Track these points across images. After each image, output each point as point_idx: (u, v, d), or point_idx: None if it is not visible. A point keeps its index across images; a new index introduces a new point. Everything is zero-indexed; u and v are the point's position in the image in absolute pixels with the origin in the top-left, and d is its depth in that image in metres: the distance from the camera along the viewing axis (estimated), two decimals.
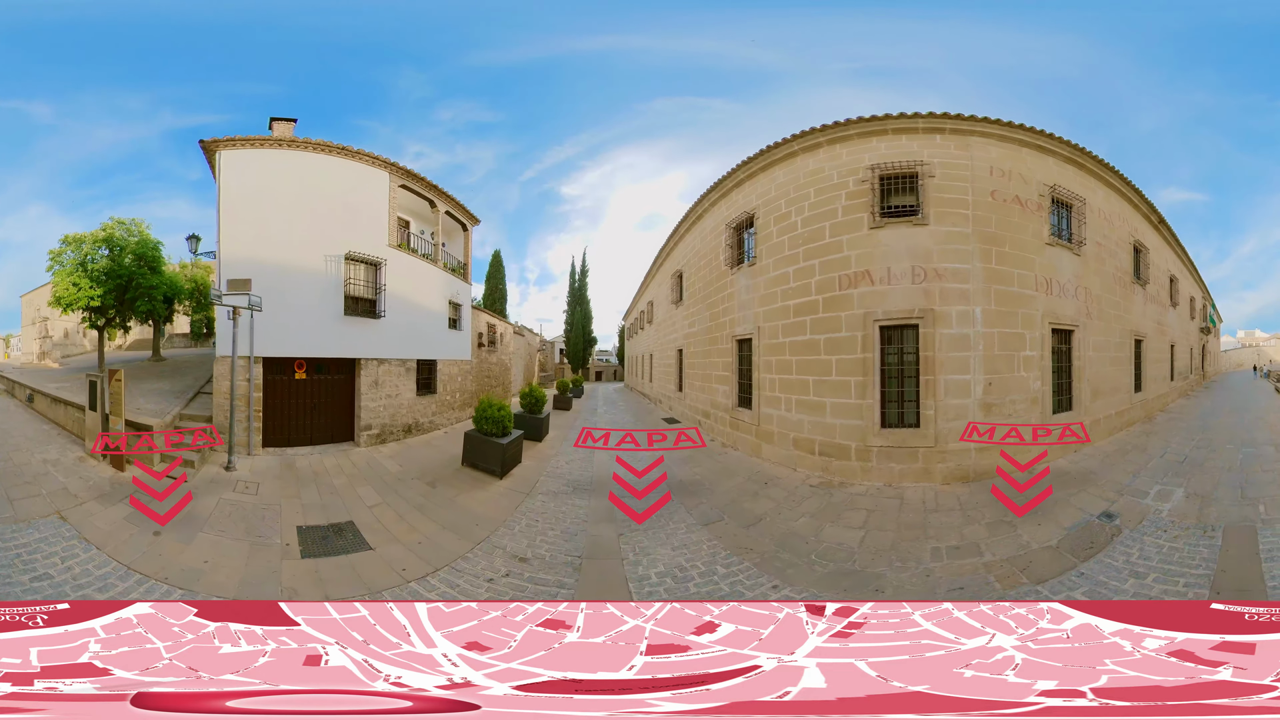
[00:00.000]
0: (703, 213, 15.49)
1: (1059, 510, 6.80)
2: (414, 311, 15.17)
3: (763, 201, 11.84)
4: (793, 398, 10.64)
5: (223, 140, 11.92)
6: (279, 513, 7.48)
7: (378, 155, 13.66)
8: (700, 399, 15.80)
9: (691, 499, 8.74)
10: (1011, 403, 9.36)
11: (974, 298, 9.29)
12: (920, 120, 9.76)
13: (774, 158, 11.45)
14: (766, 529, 7.46)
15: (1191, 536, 5.66)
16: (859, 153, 10.05)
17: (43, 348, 25.55)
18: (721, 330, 14.04)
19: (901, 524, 7.08)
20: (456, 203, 17.30)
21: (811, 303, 10.28)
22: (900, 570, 5.83)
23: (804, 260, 10.57)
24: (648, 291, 27.78)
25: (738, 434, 12.67)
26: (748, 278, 12.53)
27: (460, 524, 7.85)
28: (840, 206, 10.01)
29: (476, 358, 20.19)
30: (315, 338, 12.25)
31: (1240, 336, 55.88)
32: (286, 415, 12.13)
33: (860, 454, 9.27)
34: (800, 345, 10.51)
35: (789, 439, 10.66)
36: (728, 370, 13.52)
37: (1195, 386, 21.29)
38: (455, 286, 17.56)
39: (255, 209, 11.86)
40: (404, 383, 14.64)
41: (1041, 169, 10.59)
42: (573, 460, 11.85)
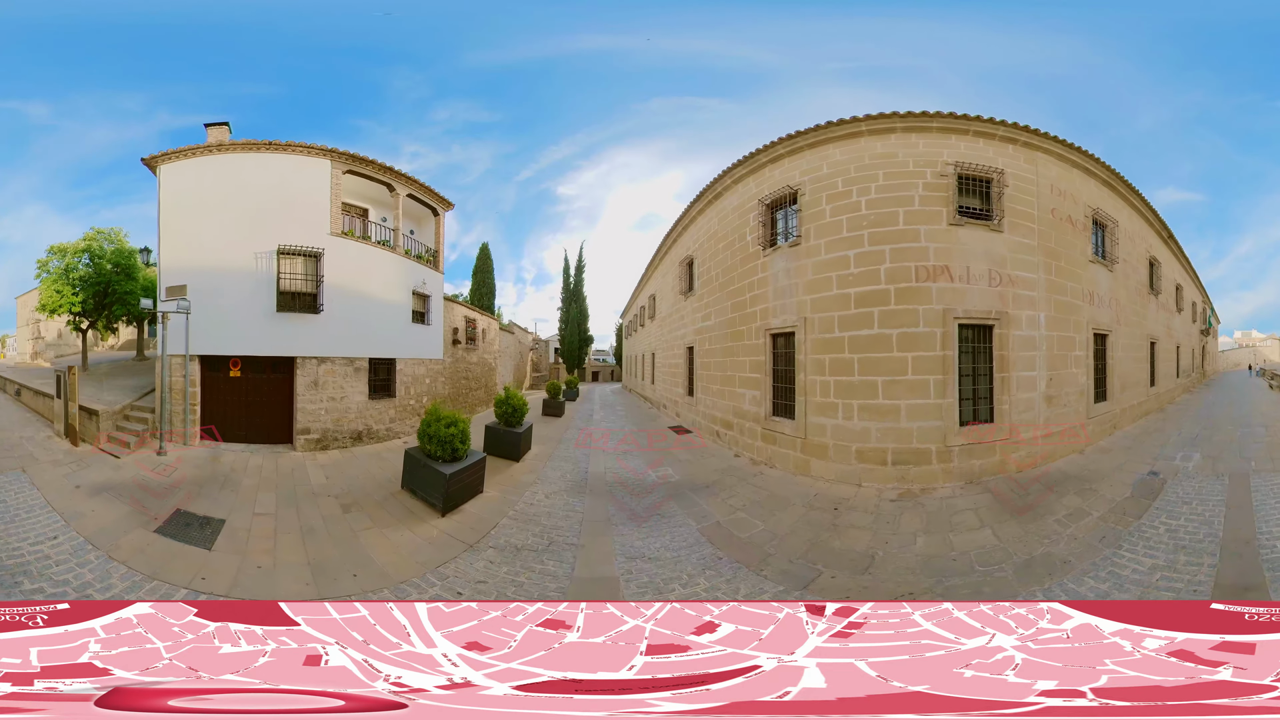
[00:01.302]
0: (723, 190, 13.61)
1: (1118, 475, 8.87)
2: (365, 304, 13.81)
3: (810, 178, 10.54)
4: (854, 403, 9.36)
5: (160, 155, 12.50)
6: (174, 494, 8.40)
7: (316, 144, 13.15)
8: (719, 405, 13.80)
9: (753, 552, 6.61)
10: (1066, 395, 10.78)
11: (1038, 304, 10.32)
12: (999, 128, 10.21)
13: (830, 135, 10.32)
14: (894, 570, 6.02)
15: (1209, 481, 8.13)
16: (938, 146, 9.89)
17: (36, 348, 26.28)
18: (749, 323, 12.14)
19: (1035, 523, 7.25)
20: (422, 186, 15.92)
21: (880, 293, 9.33)
22: (1073, 540, 6.49)
23: (869, 244, 9.53)
24: (649, 285, 25.98)
25: (774, 449, 10.95)
26: (788, 259, 10.84)
27: (337, 566, 6.22)
28: (917, 195, 9.53)
29: (450, 356, 18.23)
30: (246, 336, 12.25)
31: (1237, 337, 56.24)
32: (223, 412, 12.41)
33: (941, 456, 9.07)
34: (865, 341, 9.34)
35: (850, 451, 9.36)
36: (758, 371, 11.70)
37: (1196, 384, 23.09)
38: (422, 275, 15.95)
39: (191, 216, 12.33)
40: (352, 384, 13.31)
41: (1086, 191, 11.92)
42: (557, 492, 9.39)
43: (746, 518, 7.97)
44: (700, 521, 7.88)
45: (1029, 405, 9.96)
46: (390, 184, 15.05)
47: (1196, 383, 23.28)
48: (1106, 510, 7.26)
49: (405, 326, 15.29)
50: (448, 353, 17.95)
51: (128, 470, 9.49)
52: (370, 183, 14.73)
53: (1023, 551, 6.25)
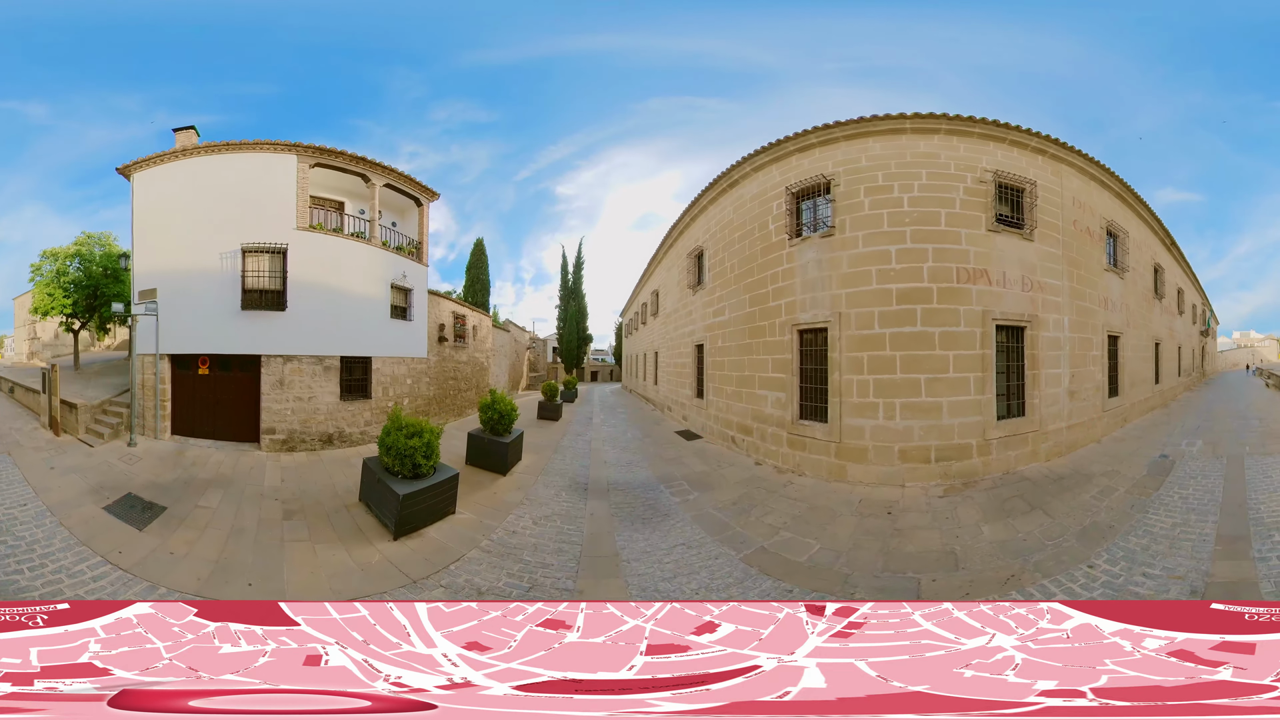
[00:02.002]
0: (740, 178, 12.92)
1: (1134, 459, 9.99)
2: (337, 299, 13.34)
3: (845, 169, 10.35)
4: (896, 401, 9.28)
5: (134, 163, 12.82)
6: (132, 479, 9.16)
7: (281, 141, 13.02)
8: (734, 409, 12.87)
9: (828, 577, 6.00)
10: (1085, 391, 11.71)
11: (1062, 309, 11.10)
12: (1032, 138, 10.71)
13: (872, 128, 10.24)
14: (982, 560, 6.12)
15: (1211, 462, 9.45)
16: (977, 152, 10.26)
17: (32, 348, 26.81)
18: (771, 318, 11.52)
19: (1065, 492, 8.38)
20: (401, 175, 15.24)
21: (923, 291, 9.43)
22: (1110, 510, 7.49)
23: (911, 242, 9.56)
24: (651, 280, 24.82)
25: (803, 455, 10.43)
26: (819, 250, 10.48)
27: (240, 571, 6.10)
28: (958, 199, 9.88)
29: (436, 355, 17.17)
30: (212, 334, 12.40)
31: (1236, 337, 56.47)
32: (191, 409, 12.72)
33: (981, 449, 9.56)
34: (908, 338, 9.34)
35: (892, 452, 9.28)
36: (783, 370, 11.04)
37: (1196, 383, 24.22)
38: (403, 268, 15.21)
39: (162, 221, 12.68)
40: (321, 383, 12.77)
41: (1101, 203, 12.76)
42: (549, 516, 8.17)
43: (795, 537, 7.21)
44: (740, 548, 6.82)
45: (1055, 400, 10.75)
46: (364, 175, 14.56)
47: (1196, 381, 24.35)
48: (1130, 487, 8.37)
49: (383, 322, 14.55)
50: (433, 351, 16.94)
51: (98, 457, 10.34)
52: (346, 175, 14.36)
53: (1075, 524, 7.04)
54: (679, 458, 12.23)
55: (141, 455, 10.78)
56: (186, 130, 13.36)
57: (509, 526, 7.77)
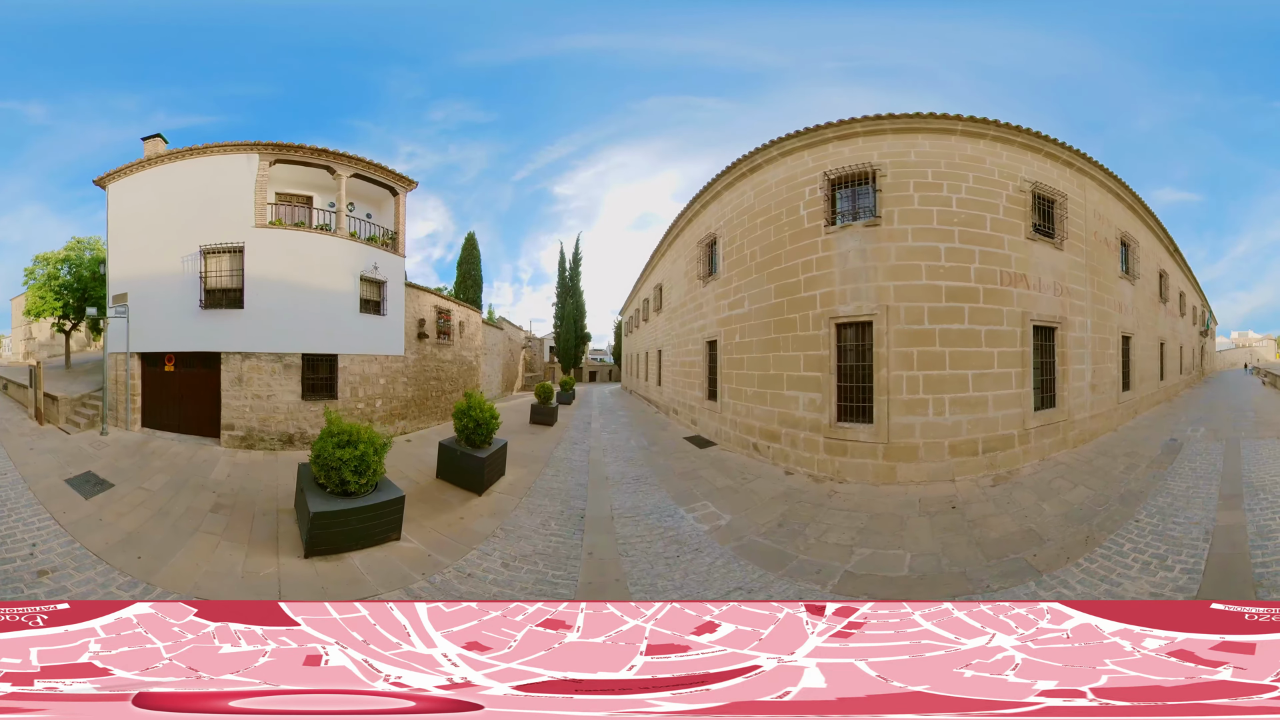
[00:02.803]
0: (764, 163, 12.07)
1: (1148, 443, 11.26)
2: (298, 294, 13.03)
3: (893, 161, 10.22)
4: (945, 397, 9.46)
5: (109, 175, 13.33)
6: (95, 461, 10.15)
7: (242, 141, 13.02)
8: (756, 412, 11.87)
9: (947, 583, 5.79)
10: (1104, 385, 12.74)
11: (1086, 312, 12.01)
12: (1063, 150, 11.33)
13: (923, 125, 10.27)
14: (1058, 531, 6.78)
15: (1213, 444, 10.77)
16: (1017, 161, 10.70)
17: (28, 348, 27.56)
18: (804, 309, 10.74)
19: (1098, 470, 9.48)
20: (371, 164, 14.63)
21: (970, 290, 9.78)
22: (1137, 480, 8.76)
23: (959, 241, 9.83)
24: (653, 275, 23.52)
25: (844, 460, 9.85)
26: (863, 239, 10.09)
27: (140, 545, 6.39)
28: (1002, 206, 10.28)
29: (416, 352, 16.18)
30: (176, 333, 12.80)
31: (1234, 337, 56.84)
32: (159, 403, 13.24)
33: (1021, 439, 10.15)
34: (956, 335, 9.59)
35: (943, 447, 9.41)
36: (818, 368, 10.35)
37: (1196, 381, 25.60)
38: (375, 259, 14.47)
39: (133, 228, 13.17)
40: (281, 382, 12.55)
41: (1117, 215, 13.71)
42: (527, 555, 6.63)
43: (877, 551, 6.60)
44: (819, 579, 5.97)
45: (1079, 393, 11.66)
46: (329, 166, 14.18)
47: (1196, 380, 25.67)
48: (1148, 463, 9.65)
49: (351, 317, 13.83)
50: (411, 348, 15.92)
51: (72, 443, 11.40)
52: (313, 169, 14.16)
53: (1114, 493, 8.17)
54: (694, 471, 10.84)
55: (109, 443, 11.59)
56: (153, 139, 13.66)
57: (466, 566, 6.36)
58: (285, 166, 13.77)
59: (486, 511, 8.39)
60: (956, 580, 5.83)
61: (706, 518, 8.06)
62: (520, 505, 8.70)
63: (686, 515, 8.19)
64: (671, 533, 7.50)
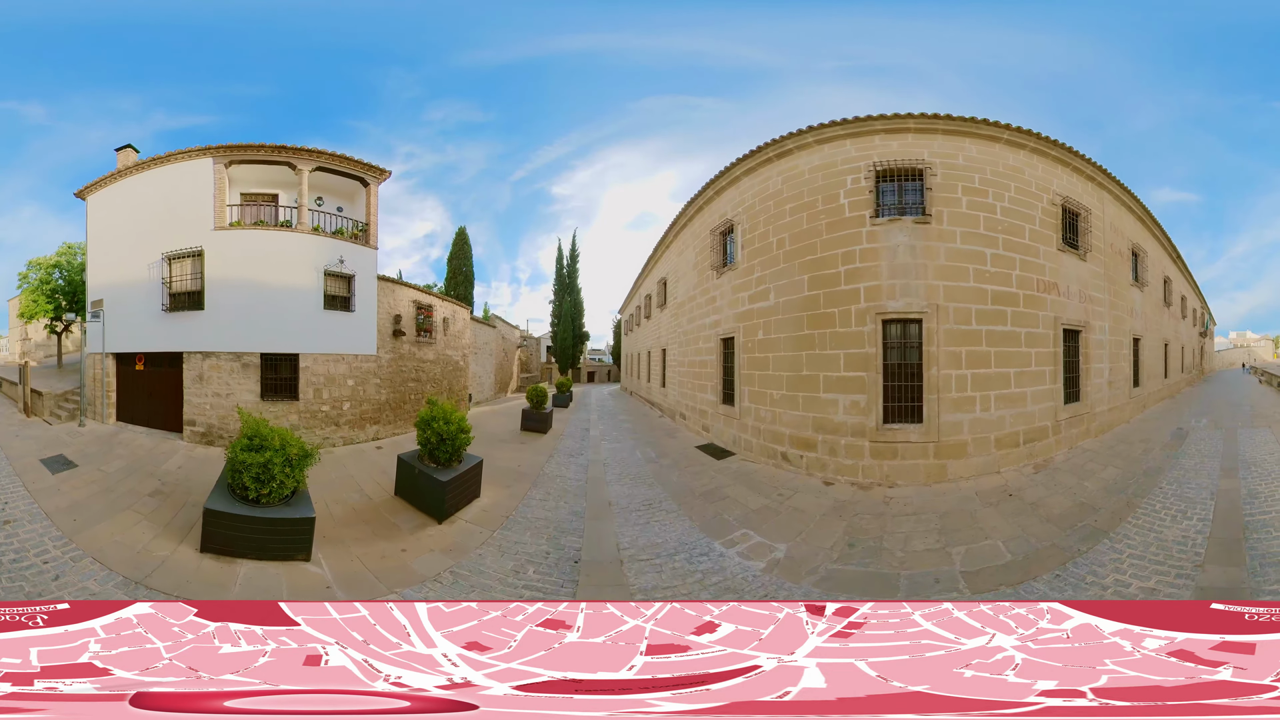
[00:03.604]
0: (795, 148, 11.32)
1: (1158, 432, 12.63)
2: (257, 293, 12.98)
3: (943, 162, 10.30)
4: (991, 394, 9.94)
5: (87, 187, 13.95)
6: (68, 446, 11.16)
7: (199, 147, 13.27)
8: (787, 418, 10.84)
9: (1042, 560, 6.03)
10: (1119, 382, 13.89)
11: (1104, 317, 13.03)
12: (1086, 164, 12.20)
13: (972, 130, 10.52)
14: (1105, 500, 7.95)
15: (1214, 432, 12.27)
16: (1050, 175, 11.40)
17: (24, 349, 28.63)
18: (845, 304, 10.21)
19: (1120, 454, 10.72)
20: (335, 156, 14.15)
21: (1012, 295, 10.39)
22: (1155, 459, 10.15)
23: (1003, 249, 10.33)
24: (657, 268, 22.20)
25: (894, 463, 9.55)
26: (912, 235, 9.96)
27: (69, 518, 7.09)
28: (1037, 217, 10.96)
29: (391, 351, 15.32)
30: (145, 335, 13.42)
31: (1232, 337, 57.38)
32: (131, 399, 14.03)
33: (1054, 429, 11.03)
34: (1000, 336, 10.14)
35: (989, 441, 9.78)
36: (861, 367, 9.82)
37: (1196, 380, 26.98)
38: (341, 252, 13.92)
39: (107, 237, 13.87)
40: (239, 380, 12.62)
41: (1129, 226, 14.90)
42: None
43: (971, 547, 6.60)
44: (950, 585, 5.60)
45: (1100, 389, 12.75)
46: (289, 163, 13.94)
47: (1196, 379, 27.00)
48: (1161, 447, 11.08)
49: (314, 315, 13.33)
50: (386, 347, 15.08)
51: (52, 432, 12.52)
52: (267, 168, 14.04)
53: (1138, 470, 9.42)
54: (718, 489, 9.44)
55: (84, 434, 12.60)
56: (125, 150, 14.04)
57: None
58: (251, 167, 13.83)
59: (442, 545, 6.90)
60: (1054, 553, 6.31)
61: (754, 551, 6.51)
62: (490, 540, 7.08)
63: (727, 552, 6.53)
64: (715, 579, 5.82)
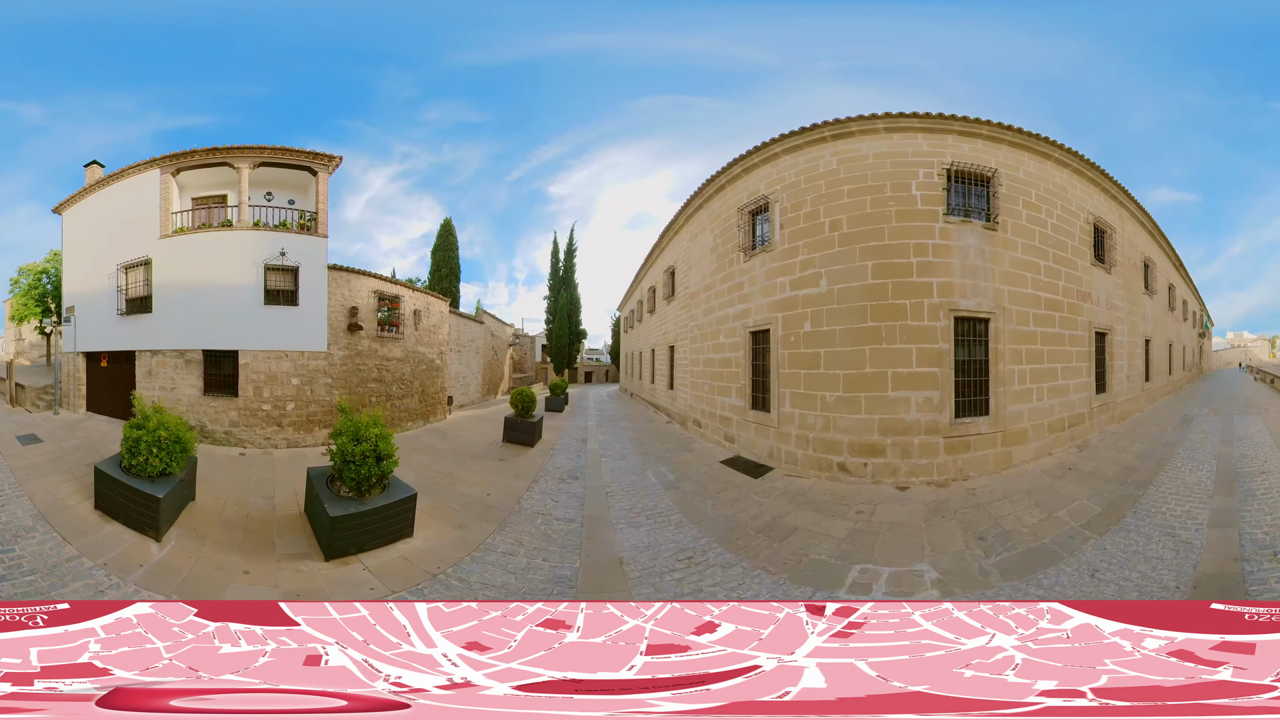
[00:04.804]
0: (860, 131, 10.83)
1: (1168, 418, 14.83)
2: (198, 293, 13.37)
3: (1008, 173, 10.87)
4: (1044, 386, 11.33)
5: (62, 203, 15.33)
6: (40, 429, 12.69)
7: (146, 160, 14.18)
8: (844, 423, 9.97)
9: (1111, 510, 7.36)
10: (1134, 377, 15.86)
11: (1123, 322, 14.83)
12: (1111, 184, 13.78)
13: (1032, 144, 11.26)
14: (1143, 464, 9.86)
15: (1214, 418, 14.54)
16: (1084, 195, 12.79)
17: (18, 348, 29.78)
18: (916, 297, 9.86)
19: (1141, 435, 12.65)
20: (277, 150, 13.99)
21: (1059, 302, 11.74)
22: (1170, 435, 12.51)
23: (1052, 262, 11.66)
24: (662, 257, 20.40)
25: (967, 456, 9.70)
26: (982, 239, 10.31)
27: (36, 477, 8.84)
28: (1076, 234, 12.40)
29: (346, 348, 14.40)
30: (104, 336, 14.83)
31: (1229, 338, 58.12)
32: (98, 392, 15.49)
33: (1089, 416, 12.68)
34: (1050, 337, 11.54)
35: (1043, 428, 11.09)
36: (933, 363, 9.66)
37: (1195, 377, 29.42)
38: (285, 244, 13.64)
39: (79, 251, 15.43)
40: (183, 376, 13.22)
41: (1142, 241, 16.84)
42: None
43: (1078, 511, 7.58)
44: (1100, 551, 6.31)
45: (1120, 383, 14.58)
46: (227, 162, 14.02)
47: (1195, 376, 29.51)
48: (1173, 428, 13.29)
49: (254, 310, 13.20)
50: (339, 343, 14.19)
51: (30, 419, 14.18)
52: (210, 170, 14.43)
53: (1159, 444, 11.54)
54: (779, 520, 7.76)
55: (57, 420, 14.20)
56: (92, 165, 15.26)
57: None
58: (202, 171, 14.47)
59: (300, 588, 5.95)
60: (1125, 500, 7.98)
61: (900, 586, 5.79)
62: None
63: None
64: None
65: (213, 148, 13.96)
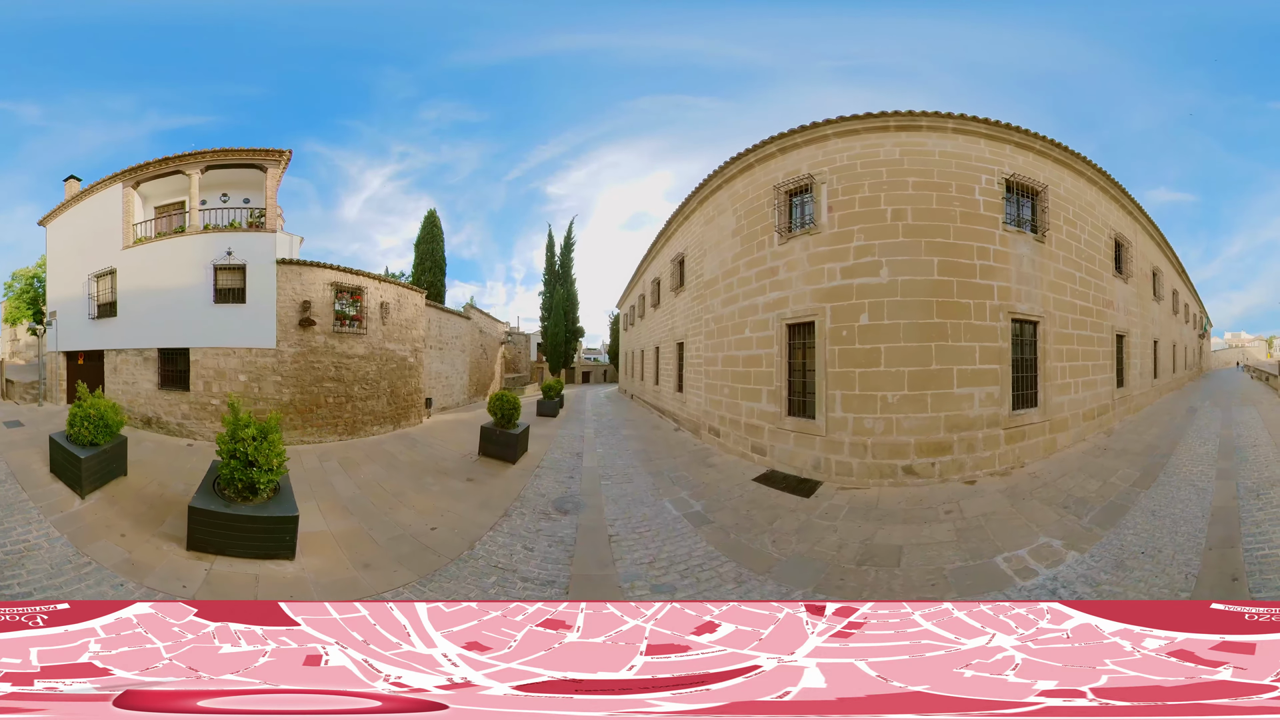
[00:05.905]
0: (928, 126, 10.54)
1: (1176, 409, 16.60)
2: (153, 297, 14.56)
3: (1053, 187, 11.81)
4: (1079, 380, 12.69)
5: (46, 216, 16.58)
6: (24, 416, 13.86)
7: (110, 175, 15.19)
8: (908, 424, 9.57)
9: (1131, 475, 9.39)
10: (1145, 373, 17.51)
11: (1137, 325, 16.53)
12: (1130, 201, 15.22)
13: (1070, 160, 12.28)
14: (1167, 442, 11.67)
15: (1215, 408, 16.68)
16: (1109, 213, 14.15)
17: (14, 348, 30.76)
18: (979, 297, 10.16)
19: (1156, 421, 14.37)
20: (221, 152, 14.35)
21: (1089, 309, 13.19)
22: (1181, 422, 14.31)
23: (1085, 274, 12.92)
24: (668, 246, 18.63)
25: (1022, 445, 10.49)
26: (1032, 249, 11.25)
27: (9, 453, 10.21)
28: (1102, 248, 13.71)
29: (298, 344, 13.83)
30: (80, 337, 16.20)
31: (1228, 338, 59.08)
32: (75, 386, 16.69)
33: (1112, 406, 14.09)
34: (1083, 338, 12.95)
35: (1079, 416, 12.54)
36: (994, 360, 10.19)
37: (1196, 376, 31.19)
38: (232, 243, 13.89)
39: (59, 263, 16.86)
40: (142, 372, 14.67)
41: (1150, 250, 18.32)
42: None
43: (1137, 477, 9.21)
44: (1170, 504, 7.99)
45: (1135, 379, 16.19)
46: (179, 170, 14.77)
47: (1195, 375, 31.41)
48: (1181, 417, 15.05)
49: (203, 310, 13.73)
50: (289, 339, 13.70)
51: (18, 408, 15.52)
52: (166, 179, 15.33)
53: (1173, 429, 13.23)
54: (874, 549, 6.49)
55: (40, 410, 15.47)
56: (71, 180, 16.37)
57: None
58: (163, 181, 15.30)
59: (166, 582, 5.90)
60: (1155, 468, 9.66)
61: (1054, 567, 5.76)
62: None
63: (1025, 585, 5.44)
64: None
65: (164, 158, 15.02)
